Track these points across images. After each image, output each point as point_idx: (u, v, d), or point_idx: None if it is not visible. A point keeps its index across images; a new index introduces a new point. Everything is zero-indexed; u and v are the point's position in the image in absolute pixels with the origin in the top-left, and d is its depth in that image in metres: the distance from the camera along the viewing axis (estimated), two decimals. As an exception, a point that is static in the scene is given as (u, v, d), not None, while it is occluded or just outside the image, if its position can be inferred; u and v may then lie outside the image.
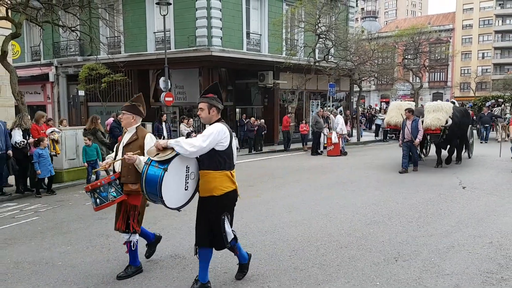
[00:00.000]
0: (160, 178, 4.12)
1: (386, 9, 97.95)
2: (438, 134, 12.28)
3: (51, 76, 24.62)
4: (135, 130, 4.99)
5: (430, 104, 13.08)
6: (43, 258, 5.78)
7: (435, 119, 12.22)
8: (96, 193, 4.74)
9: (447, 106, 12.59)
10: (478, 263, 5.25)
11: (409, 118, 12.28)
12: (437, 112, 12.37)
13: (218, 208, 4.41)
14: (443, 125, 12.10)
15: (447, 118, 12.19)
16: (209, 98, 4.48)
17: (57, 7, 13.93)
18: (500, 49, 62.21)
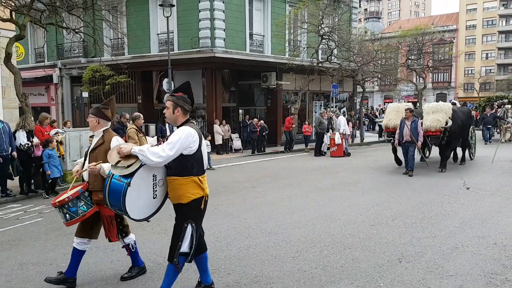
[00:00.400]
0: (123, 192, 3.96)
1: (389, 9, 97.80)
2: (438, 136, 11.97)
3: (55, 78, 24.71)
4: (102, 134, 4.79)
5: (428, 105, 12.77)
6: (47, 259, 5.80)
7: (435, 120, 11.91)
8: (64, 208, 4.53)
9: (446, 107, 12.28)
10: (482, 264, 5.23)
11: (408, 118, 11.87)
12: (436, 113, 12.06)
13: (183, 216, 4.18)
14: (443, 126, 11.81)
15: (447, 119, 11.89)
16: (176, 97, 4.27)
17: (61, 9, 14.00)
18: (504, 49, 61.98)
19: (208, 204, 8.67)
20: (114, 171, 4.06)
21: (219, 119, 19.52)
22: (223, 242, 6.29)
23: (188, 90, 4.40)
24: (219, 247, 6.07)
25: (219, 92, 20.32)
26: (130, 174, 3.98)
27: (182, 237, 4.12)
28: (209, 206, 8.87)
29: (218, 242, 6.29)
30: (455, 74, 62.77)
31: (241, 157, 18.09)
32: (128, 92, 21.89)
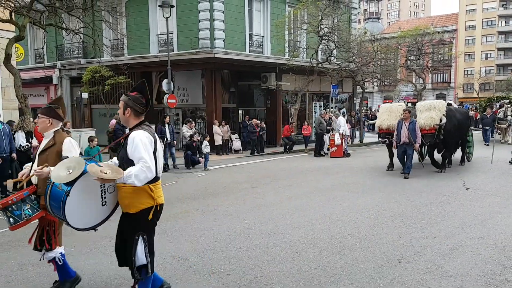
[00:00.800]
0: (63, 201, 3.70)
1: (388, 10, 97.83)
2: (433, 134, 11.74)
3: (55, 79, 24.69)
4: (53, 134, 4.51)
5: (421, 104, 12.53)
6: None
7: (429, 118, 11.70)
8: (8, 211, 4.14)
9: (440, 104, 12.05)
10: (481, 265, 5.23)
11: (406, 119, 11.55)
12: (430, 111, 11.87)
13: (131, 227, 3.91)
14: (437, 123, 11.59)
15: (440, 117, 11.67)
16: (128, 97, 4.00)
17: (61, 10, 14.02)
18: (503, 50, 62.04)
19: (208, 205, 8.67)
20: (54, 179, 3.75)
21: (219, 119, 19.52)
22: (222, 242, 6.29)
23: (143, 90, 4.12)
24: (219, 247, 6.07)
25: (219, 93, 20.33)
26: (70, 182, 3.69)
27: (134, 252, 3.89)
28: (209, 207, 8.94)
29: (218, 242, 6.30)
30: (455, 75, 62.81)
31: (240, 158, 18.09)
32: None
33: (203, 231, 6.88)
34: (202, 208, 8.54)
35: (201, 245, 6.20)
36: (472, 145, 14.56)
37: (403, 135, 11.50)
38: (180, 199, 9.51)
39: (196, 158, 14.92)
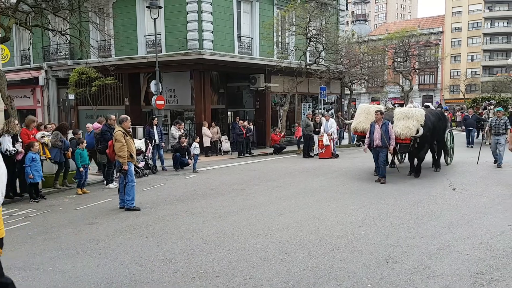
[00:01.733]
0: None
1: (376, 12, 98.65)
2: (407, 145, 11.12)
3: (41, 80, 24.43)
4: None
5: (400, 110, 11.68)
6: (33, 263, 5.73)
7: (405, 127, 10.96)
8: None
9: (419, 114, 11.22)
10: (468, 264, 5.29)
11: (378, 121, 10.98)
12: (408, 119, 11.07)
13: None
14: (413, 135, 10.88)
15: (418, 127, 10.93)
16: None
17: (47, 11, 13.88)
18: (488, 51, 62.88)
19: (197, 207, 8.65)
20: None
21: (208, 121, 19.47)
22: (211, 244, 6.27)
23: None
24: (208, 249, 6.06)
25: (208, 94, 20.28)
26: None
27: None
28: (198, 209, 8.91)
29: (207, 244, 6.28)
30: (441, 76, 63.48)
31: (230, 159, 18.06)
32: (115, 94, 21.74)
33: (191, 233, 6.86)
34: (190, 210, 8.50)
35: (189, 247, 6.18)
36: (452, 148, 14.07)
37: (375, 138, 10.97)
38: (169, 201, 9.46)
39: (185, 159, 14.86)
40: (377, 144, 10.99)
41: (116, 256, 5.90)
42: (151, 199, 9.77)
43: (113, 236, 6.84)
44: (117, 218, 8.05)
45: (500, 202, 8.59)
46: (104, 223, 7.73)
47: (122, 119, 9.01)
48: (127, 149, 8.62)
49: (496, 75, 55.99)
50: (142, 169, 13.29)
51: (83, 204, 9.43)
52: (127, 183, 8.64)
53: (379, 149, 11.00)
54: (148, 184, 11.80)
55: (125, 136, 8.66)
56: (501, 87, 44.19)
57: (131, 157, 8.79)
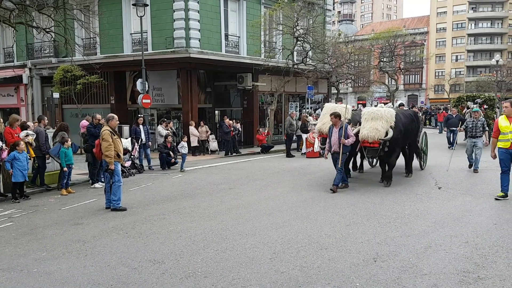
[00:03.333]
0: None
1: (362, 12, 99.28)
2: (376, 148, 10.09)
3: (25, 78, 24.06)
4: None
5: (368, 111, 10.52)
6: (17, 265, 5.63)
7: (373, 129, 9.90)
8: None
9: (389, 114, 10.13)
10: (455, 263, 5.34)
11: (335, 125, 10.06)
12: (376, 120, 10.01)
13: None
14: (382, 138, 9.88)
15: (387, 129, 9.93)
16: None
17: (31, 8, 13.66)
18: (473, 51, 63.69)
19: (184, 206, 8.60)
20: None
21: (195, 120, 19.37)
22: (199, 244, 6.23)
23: None
24: (196, 250, 6.02)
25: (195, 93, 20.19)
26: None
27: None
28: (185, 208, 8.87)
29: (195, 245, 6.24)
30: (426, 76, 64.14)
31: (217, 159, 18.01)
32: (101, 92, 21.51)
33: (179, 234, 6.81)
34: (178, 210, 8.45)
35: (177, 247, 6.13)
36: (426, 151, 13.23)
37: (333, 143, 10.10)
38: (156, 201, 9.39)
39: (170, 158, 14.74)
40: (334, 150, 10.13)
41: (103, 257, 5.82)
42: (138, 199, 9.68)
43: (99, 237, 6.75)
44: (104, 218, 7.95)
45: (485, 200, 8.70)
46: (90, 223, 7.63)
47: (109, 117, 8.91)
48: (114, 149, 8.52)
49: (480, 75, 56.79)
50: (128, 168, 13.16)
51: (68, 204, 9.31)
52: (114, 183, 8.54)
53: (337, 155, 10.06)
54: (135, 184, 11.69)
55: (113, 135, 8.57)
56: (484, 87, 44.84)
57: (118, 157, 8.69)
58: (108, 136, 8.48)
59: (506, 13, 62.00)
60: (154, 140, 17.94)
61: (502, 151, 8.60)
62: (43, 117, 11.92)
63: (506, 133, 8.48)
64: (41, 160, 11.02)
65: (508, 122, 8.49)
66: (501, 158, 8.65)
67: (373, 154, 10.71)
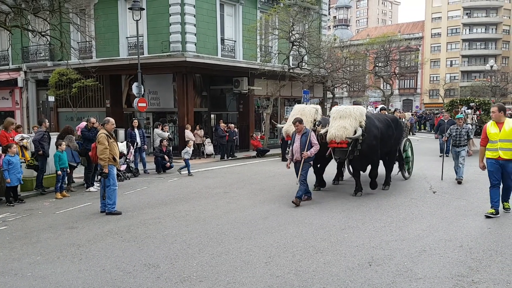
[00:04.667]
0: None
1: (357, 17, 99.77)
2: (344, 149, 9.24)
3: (20, 82, 23.99)
4: None
5: (336, 109, 9.78)
6: (12, 269, 5.60)
7: (341, 128, 9.15)
8: None
9: (357, 112, 9.46)
10: (449, 267, 5.37)
11: (299, 131, 9.15)
12: (344, 119, 9.31)
13: None
14: (349, 136, 9.11)
15: (356, 127, 9.21)
16: None
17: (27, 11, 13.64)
18: (467, 57, 64.12)
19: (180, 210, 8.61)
20: None
21: (191, 124, 19.37)
22: (195, 248, 6.23)
23: None
24: (191, 254, 6.01)
25: (191, 97, 20.19)
26: None
27: None
28: (181, 212, 8.87)
29: (190, 248, 6.23)
30: (421, 81, 64.49)
31: (213, 162, 17.99)
32: (96, 96, 21.46)
33: (174, 237, 6.80)
34: (173, 214, 8.43)
35: (172, 251, 6.12)
36: (411, 159, 12.51)
37: (295, 151, 9.19)
38: (151, 205, 9.37)
39: (164, 162, 14.72)
40: (296, 158, 9.18)
41: (98, 261, 5.81)
42: (133, 203, 9.66)
43: (94, 241, 6.73)
44: (98, 222, 7.93)
45: (479, 205, 8.74)
46: (85, 227, 7.61)
47: (105, 121, 8.91)
48: (110, 152, 8.51)
49: (474, 80, 57.18)
50: (123, 172, 13.13)
51: (63, 208, 9.27)
52: (109, 186, 8.52)
53: (299, 164, 9.13)
54: (130, 188, 11.66)
55: (109, 139, 8.56)
56: (479, 92, 45.13)
57: (114, 160, 8.67)
58: (104, 139, 8.48)
59: (500, 18, 62.56)
60: (150, 143, 17.91)
61: (490, 162, 7.64)
62: (44, 120, 11.89)
63: (495, 141, 7.51)
64: (41, 162, 10.96)
65: (497, 128, 7.54)
66: (489, 170, 7.69)
67: (341, 156, 9.45)
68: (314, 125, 9.90)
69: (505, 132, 7.43)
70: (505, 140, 7.44)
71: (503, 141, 7.45)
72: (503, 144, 7.44)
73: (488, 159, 7.69)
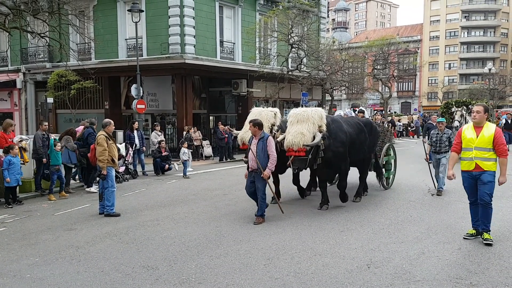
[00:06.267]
0: None
1: (356, 20, 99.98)
2: (303, 158, 8.03)
3: (19, 83, 23.98)
4: None
5: (294, 112, 8.55)
6: (10, 270, 5.59)
7: (298, 134, 8.01)
8: None
9: (316, 115, 8.27)
10: (448, 269, 5.38)
11: (255, 135, 7.90)
12: (301, 123, 8.16)
13: None
14: (308, 143, 7.93)
15: (314, 133, 8.07)
16: None
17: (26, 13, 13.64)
18: (465, 60, 64.30)
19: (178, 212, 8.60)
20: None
21: (190, 126, 19.36)
22: (194, 251, 6.23)
23: None
24: (190, 256, 6.01)
25: (189, 99, 20.21)
26: None
27: None
28: (179, 214, 8.85)
29: (189, 251, 6.23)
30: (419, 84, 64.64)
31: (211, 164, 17.99)
32: (95, 97, 21.46)
33: (173, 239, 6.80)
34: (172, 216, 8.43)
35: (171, 253, 6.12)
36: (393, 166, 11.60)
37: (250, 159, 7.94)
38: (150, 207, 9.36)
39: (163, 164, 14.72)
40: (252, 167, 7.91)
41: (96, 262, 5.80)
42: (132, 204, 9.65)
43: (92, 243, 6.73)
44: (97, 224, 7.92)
45: (477, 207, 8.75)
46: (84, 229, 7.60)
47: (106, 123, 8.93)
48: (109, 154, 8.52)
49: (472, 83, 57.33)
50: (122, 174, 13.12)
51: (61, 210, 9.26)
52: (107, 188, 8.52)
53: (255, 174, 7.85)
54: (129, 189, 11.66)
55: (108, 140, 8.57)
56: (477, 94, 45.27)
57: (113, 162, 8.68)
58: (103, 141, 8.49)
59: (498, 21, 62.77)
60: (148, 145, 17.91)
61: (465, 176, 6.51)
62: (43, 122, 11.89)
63: (470, 148, 6.31)
64: (37, 164, 10.95)
65: (474, 133, 6.31)
66: (464, 185, 6.62)
67: (300, 166, 8.20)
68: (271, 131, 8.65)
69: (484, 139, 6.24)
70: (481, 149, 6.26)
71: (479, 149, 6.27)
72: (478, 152, 6.27)
73: (463, 172, 6.52)
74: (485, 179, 6.27)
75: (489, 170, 6.25)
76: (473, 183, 6.44)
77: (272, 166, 7.76)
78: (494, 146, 6.23)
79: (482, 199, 6.32)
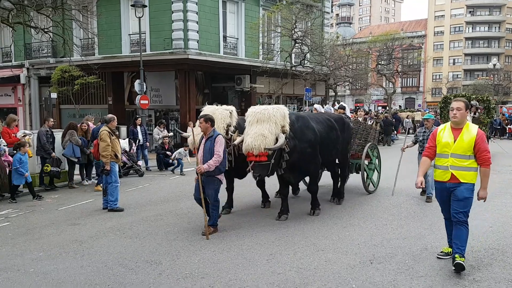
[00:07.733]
0: None
1: (360, 15, 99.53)
2: (265, 164, 7.01)
3: (23, 78, 24.01)
4: None
5: (253, 111, 7.42)
6: (14, 265, 5.63)
7: (258, 136, 6.93)
8: None
9: (278, 114, 7.19)
10: (450, 265, 5.36)
11: (205, 133, 6.97)
12: (262, 123, 7.10)
13: None
14: (270, 146, 6.88)
15: (277, 134, 7.04)
16: None
17: (30, 8, 13.66)
18: (470, 55, 63.98)
19: (181, 207, 8.60)
20: None
21: (193, 121, 19.35)
22: (197, 245, 6.25)
23: None
24: (193, 250, 6.03)
25: (193, 94, 20.18)
26: None
27: None
28: (183, 209, 8.87)
29: (192, 245, 6.25)
30: (424, 79, 64.35)
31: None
32: (98, 93, 21.47)
33: (176, 234, 6.82)
34: (175, 211, 8.46)
35: (174, 248, 6.14)
36: (377, 168, 10.81)
37: (199, 160, 6.90)
38: (153, 202, 9.39)
39: (167, 159, 14.74)
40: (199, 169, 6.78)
41: (100, 257, 5.83)
42: (135, 199, 9.68)
43: (96, 237, 6.76)
44: (101, 218, 7.96)
45: (480, 204, 8.67)
46: (87, 223, 7.63)
47: (109, 119, 8.95)
48: (112, 149, 8.55)
49: (477, 78, 57.04)
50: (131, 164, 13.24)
51: (65, 205, 9.30)
52: (111, 183, 8.55)
53: (206, 180, 6.86)
54: (132, 185, 11.69)
55: (111, 136, 8.59)
56: (481, 90, 45.05)
57: (116, 157, 8.70)
58: (106, 136, 8.51)
59: (503, 17, 62.35)
60: (152, 141, 17.93)
61: (437, 188, 5.51)
62: (48, 118, 11.92)
63: (446, 155, 5.20)
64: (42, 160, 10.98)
65: (452, 137, 5.17)
66: (437, 198, 5.64)
67: (261, 172, 7.16)
68: (227, 132, 7.67)
69: (462, 143, 5.11)
70: (459, 156, 5.14)
71: (456, 156, 5.15)
72: (456, 160, 5.15)
73: (436, 182, 5.49)
74: (460, 195, 5.18)
75: (467, 182, 5.16)
76: (447, 197, 5.34)
77: (212, 164, 6.63)
78: (475, 153, 5.09)
79: (455, 217, 5.25)
